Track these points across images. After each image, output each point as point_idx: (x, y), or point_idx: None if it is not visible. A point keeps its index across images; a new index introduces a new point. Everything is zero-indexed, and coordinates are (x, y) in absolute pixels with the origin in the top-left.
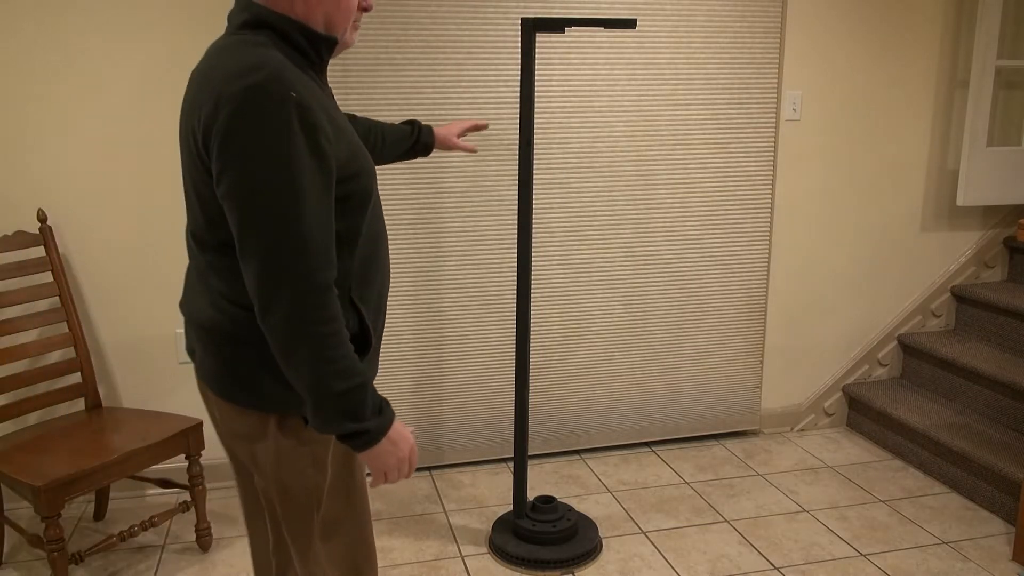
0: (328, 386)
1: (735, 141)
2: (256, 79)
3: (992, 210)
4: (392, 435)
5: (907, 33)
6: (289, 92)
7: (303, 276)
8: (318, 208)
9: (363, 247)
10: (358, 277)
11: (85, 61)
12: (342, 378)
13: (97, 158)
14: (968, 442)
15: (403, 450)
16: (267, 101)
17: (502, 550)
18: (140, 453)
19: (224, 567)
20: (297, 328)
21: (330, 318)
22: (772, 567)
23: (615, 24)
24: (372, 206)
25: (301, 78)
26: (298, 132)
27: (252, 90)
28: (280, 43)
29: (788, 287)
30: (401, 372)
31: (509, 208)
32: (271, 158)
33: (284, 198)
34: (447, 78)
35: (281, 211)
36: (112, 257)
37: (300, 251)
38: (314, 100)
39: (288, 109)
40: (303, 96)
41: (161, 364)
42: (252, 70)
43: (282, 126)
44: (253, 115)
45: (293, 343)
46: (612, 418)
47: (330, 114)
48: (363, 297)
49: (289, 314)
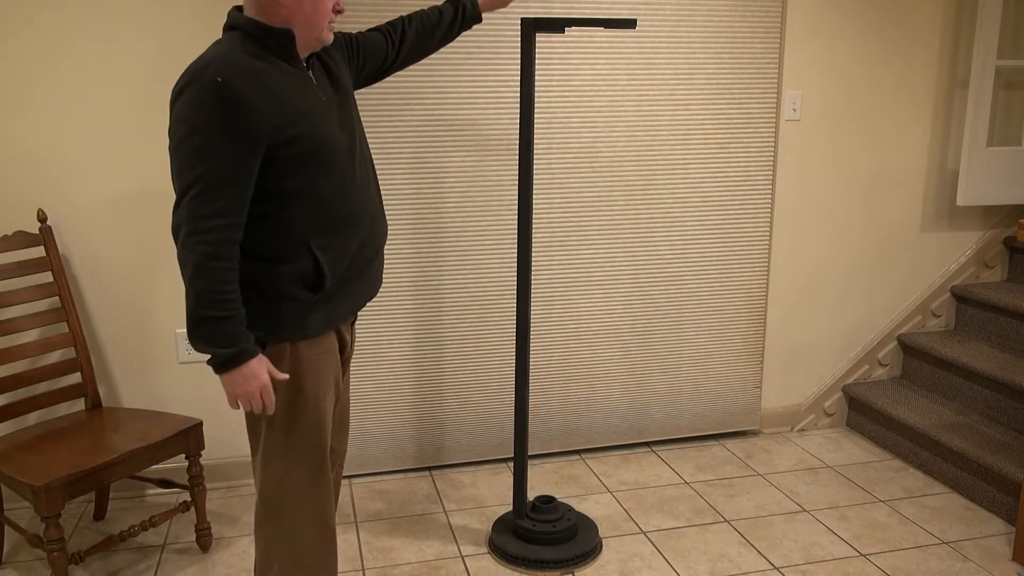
0: (197, 308)
1: (735, 141)
2: (194, 69)
3: (992, 210)
4: (243, 370)
5: (907, 33)
6: (214, 79)
7: (198, 217)
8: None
9: (322, 202)
10: (318, 228)
11: (85, 61)
12: (210, 306)
13: (97, 158)
14: (968, 442)
15: (251, 386)
16: (196, 84)
17: (502, 550)
18: (140, 453)
19: (224, 567)
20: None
21: (215, 255)
22: (772, 567)
23: (615, 24)
24: (328, 165)
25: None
26: (214, 107)
27: (192, 76)
28: (245, 40)
29: (788, 287)
30: (401, 372)
31: (509, 208)
32: (187, 125)
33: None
34: (447, 78)
35: (189, 164)
36: (112, 257)
37: (199, 195)
38: (249, 81)
39: (210, 88)
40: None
41: (161, 364)
42: (200, 62)
43: (201, 102)
44: (185, 94)
45: (188, 269)
46: (612, 418)
47: (274, 90)
48: (324, 245)
49: (183, 242)
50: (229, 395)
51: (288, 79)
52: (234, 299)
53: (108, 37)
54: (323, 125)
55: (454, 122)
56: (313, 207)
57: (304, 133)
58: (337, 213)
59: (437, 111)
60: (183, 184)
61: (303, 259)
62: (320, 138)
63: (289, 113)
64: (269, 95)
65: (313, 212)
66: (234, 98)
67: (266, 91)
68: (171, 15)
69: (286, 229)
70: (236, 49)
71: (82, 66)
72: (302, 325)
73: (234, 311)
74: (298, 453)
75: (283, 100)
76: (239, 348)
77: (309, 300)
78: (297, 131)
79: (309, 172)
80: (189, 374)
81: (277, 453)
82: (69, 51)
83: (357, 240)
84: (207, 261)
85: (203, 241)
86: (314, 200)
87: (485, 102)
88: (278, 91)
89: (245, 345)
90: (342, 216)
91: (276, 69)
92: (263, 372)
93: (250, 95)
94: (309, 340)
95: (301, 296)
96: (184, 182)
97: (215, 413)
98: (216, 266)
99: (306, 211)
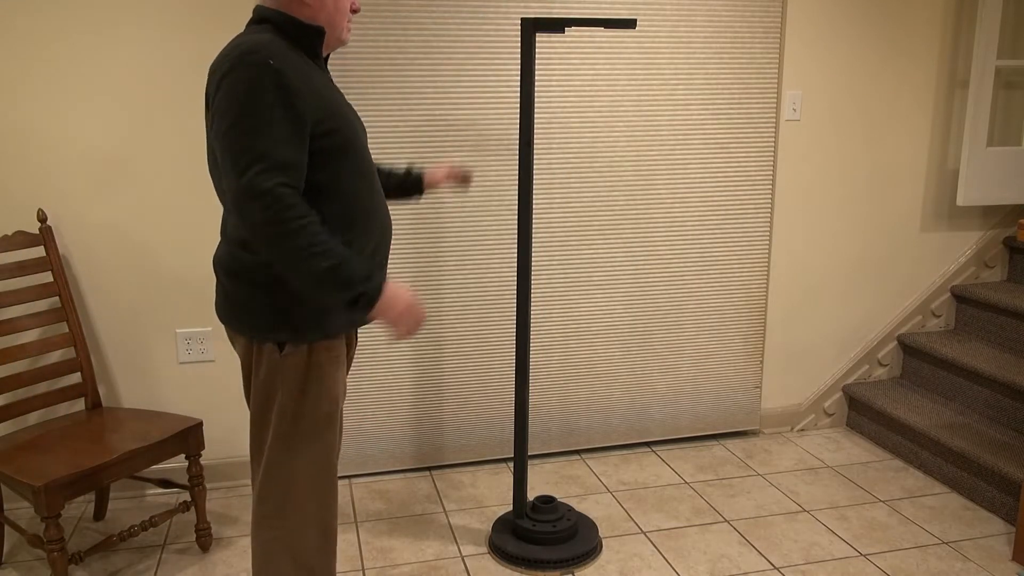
0: (314, 266)
1: (735, 141)
2: (243, 51)
3: (992, 210)
4: (387, 294)
5: (907, 33)
6: (267, 60)
7: (270, 187)
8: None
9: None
10: (344, 224)
11: (85, 61)
12: (323, 258)
13: (97, 158)
14: (968, 442)
15: (401, 304)
16: (248, 66)
17: (502, 550)
18: (140, 453)
19: (224, 567)
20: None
21: (299, 215)
22: (772, 567)
23: (615, 24)
24: (354, 161)
25: (287, 54)
26: (269, 88)
27: (239, 58)
28: (276, 33)
29: (788, 287)
30: (401, 372)
31: (509, 208)
32: (242, 105)
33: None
34: (447, 78)
35: (250, 140)
36: (112, 257)
37: (267, 171)
38: (293, 69)
39: (264, 71)
40: (280, 63)
41: (161, 364)
42: (244, 46)
43: (257, 83)
44: (237, 75)
45: (271, 241)
46: (612, 418)
47: (312, 84)
48: (349, 243)
49: (264, 219)
50: (390, 323)
51: (317, 73)
52: (337, 244)
53: (109, 36)
54: (351, 122)
55: (454, 122)
56: (340, 202)
57: (338, 128)
58: (360, 210)
59: (437, 111)
60: (244, 162)
61: None
62: (351, 133)
63: (326, 107)
64: (310, 86)
65: (339, 207)
66: (286, 81)
67: (308, 81)
68: (172, 14)
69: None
70: (276, 38)
71: (83, 65)
72: (324, 325)
73: (345, 252)
74: (308, 454)
75: (320, 93)
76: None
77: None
78: (333, 124)
79: (340, 166)
80: (189, 374)
81: (287, 453)
82: (69, 51)
83: (374, 240)
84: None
85: (282, 208)
86: (341, 195)
87: (485, 102)
88: (316, 84)
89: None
90: (364, 213)
91: (306, 64)
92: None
93: (298, 82)
94: (327, 342)
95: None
96: (245, 160)
97: (215, 413)
98: (305, 223)
99: (333, 206)
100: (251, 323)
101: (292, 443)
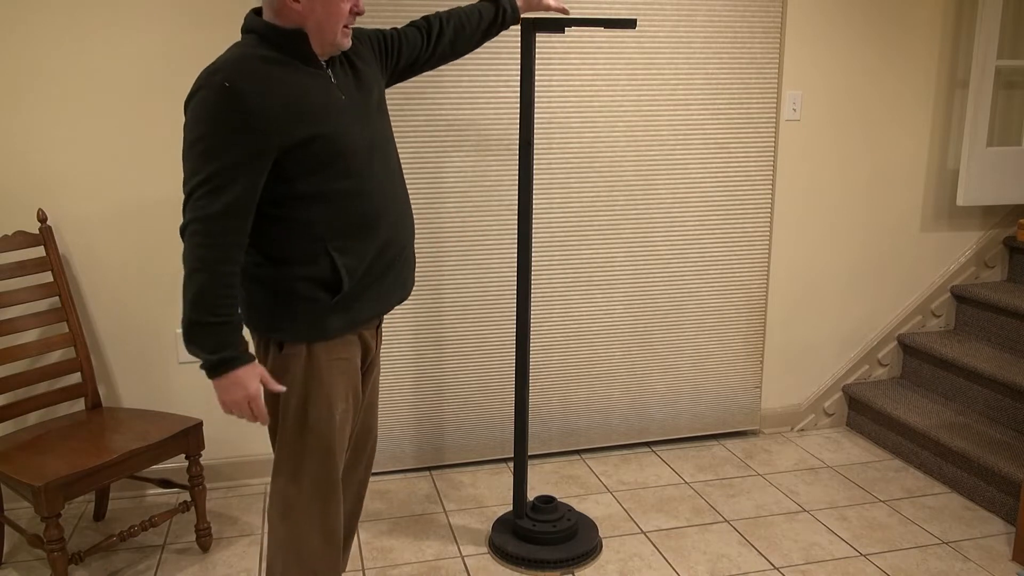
0: (192, 311)
1: (735, 141)
2: (210, 71)
3: (992, 210)
4: (231, 377)
5: (907, 33)
6: (223, 83)
7: (203, 218)
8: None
9: (340, 204)
10: (336, 230)
11: (85, 60)
12: (204, 311)
13: (97, 158)
14: (968, 442)
15: (236, 394)
16: (207, 88)
17: (502, 550)
18: (140, 453)
19: (224, 567)
20: (190, 257)
21: (215, 259)
22: (772, 567)
23: (615, 24)
24: (344, 167)
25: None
26: (226, 111)
27: (206, 78)
28: (261, 42)
29: (788, 287)
30: (401, 372)
31: (509, 208)
32: (197, 127)
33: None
34: (447, 78)
35: (198, 166)
36: (112, 257)
37: (205, 196)
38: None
39: (221, 93)
40: (241, 83)
41: (161, 364)
42: (212, 65)
43: (215, 106)
44: (197, 98)
45: (186, 268)
46: (612, 418)
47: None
48: (341, 247)
49: (189, 245)
50: (219, 400)
51: (304, 80)
52: (231, 304)
53: (110, 36)
54: (341, 125)
55: (454, 122)
56: (330, 209)
57: (320, 134)
58: (355, 214)
59: (437, 111)
60: (191, 184)
61: (321, 261)
62: (337, 139)
63: (303, 115)
64: (281, 98)
65: (330, 214)
66: (242, 103)
67: (278, 95)
68: (172, 14)
69: (303, 231)
70: (251, 52)
71: (83, 65)
72: (321, 326)
73: (228, 317)
74: (307, 458)
75: (297, 102)
76: (227, 355)
77: (327, 302)
78: (312, 132)
79: (326, 174)
80: (189, 374)
81: (288, 455)
82: (70, 51)
83: (378, 241)
84: (208, 263)
85: (206, 243)
86: (331, 202)
87: (485, 102)
88: (292, 93)
89: (234, 352)
90: (361, 217)
91: (292, 71)
92: (252, 381)
93: (259, 100)
94: (327, 343)
95: (319, 298)
96: (192, 183)
97: (215, 413)
98: (217, 269)
99: (323, 213)
100: (254, 321)
101: (294, 445)
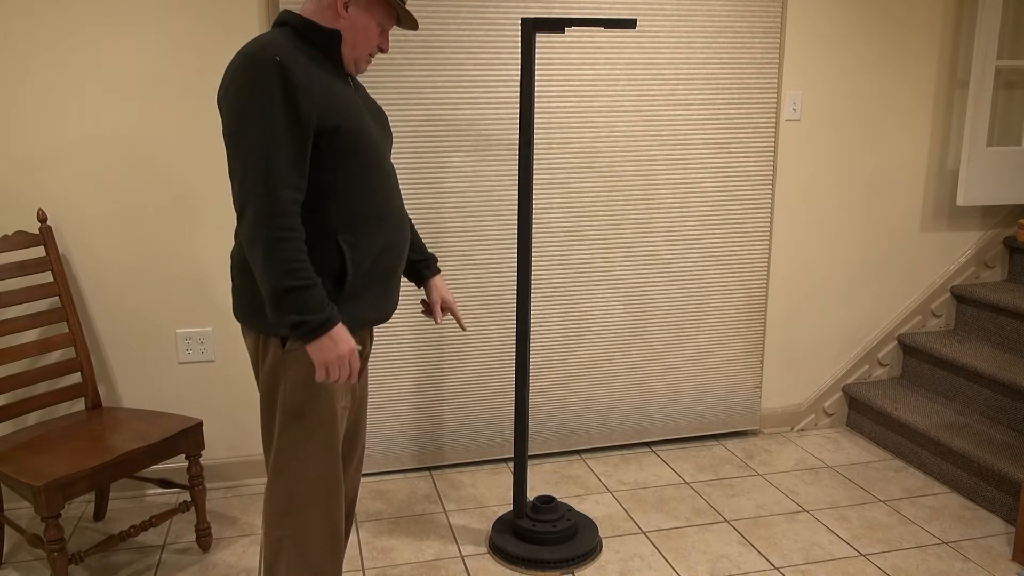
0: (278, 280)
1: (735, 141)
2: (248, 50)
3: (992, 210)
4: (333, 334)
5: (907, 33)
6: (273, 57)
7: (265, 194)
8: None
9: (355, 196)
10: (348, 223)
11: (86, 61)
12: (290, 276)
13: (97, 158)
14: (968, 442)
15: (342, 349)
16: (254, 64)
17: (502, 550)
18: (140, 453)
19: (224, 567)
20: (258, 232)
21: (286, 227)
22: (772, 567)
23: (615, 24)
24: (364, 161)
25: (295, 53)
26: (274, 88)
27: (244, 57)
28: (295, 37)
29: (788, 287)
30: (401, 372)
31: (509, 208)
32: (248, 103)
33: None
34: (447, 78)
35: (252, 144)
36: (112, 257)
37: (267, 172)
38: (299, 65)
39: (269, 69)
40: (286, 60)
41: (161, 364)
42: (252, 45)
43: (262, 83)
44: (243, 74)
45: (254, 244)
46: (612, 418)
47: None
48: (351, 240)
49: (254, 222)
50: (319, 363)
51: (332, 77)
52: (310, 268)
53: (110, 36)
54: (363, 123)
55: (454, 122)
56: (346, 201)
57: (344, 126)
58: (367, 209)
59: (437, 111)
60: (248, 162)
61: (330, 251)
62: (360, 132)
63: (333, 103)
64: (318, 83)
65: (345, 205)
66: (292, 78)
67: (315, 78)
68: (173, 14)
69: (318, 219)
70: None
71: (83, 65)
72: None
73: (314, 279)
74: (312, 452)
75: (329, 90)
76: (328, 313)
77: (333, 295)
78: (338, 122)
79: (347, 164)
80: (189, 374)
81: (291, 453)
82: (70, 51)
83: (382, 240)
84: (280, 233)
85: (273, 214)
86: (348, 193)
87: (485, 102)
88: (325, 82)
89: (332, 311)
90: (372, 213)
91: (321, 65)
92: (350, 336)
93: (304, 79)
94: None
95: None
96: (249, 160)
97: (215, 413)
98: (289, 236)
99: (339, 204)
100: (254, 319)
101: (297, 441)
